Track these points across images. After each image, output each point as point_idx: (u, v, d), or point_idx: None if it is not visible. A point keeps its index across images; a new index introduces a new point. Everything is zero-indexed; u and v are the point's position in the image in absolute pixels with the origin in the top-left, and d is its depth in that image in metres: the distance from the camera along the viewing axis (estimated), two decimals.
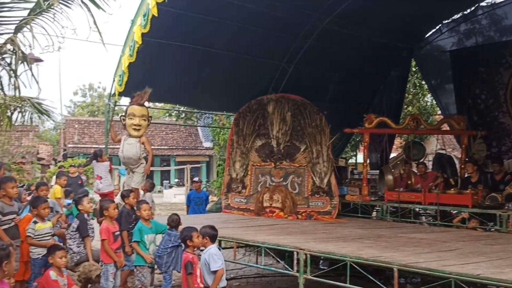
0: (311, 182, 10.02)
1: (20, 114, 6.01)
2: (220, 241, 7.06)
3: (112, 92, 8.85)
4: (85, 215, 6.73)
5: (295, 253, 5.51)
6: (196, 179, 11.78)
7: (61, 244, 6.66)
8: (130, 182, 8.63)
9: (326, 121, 10.08)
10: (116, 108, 9.09)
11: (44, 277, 5.66)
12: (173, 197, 25.57)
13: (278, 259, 6.21)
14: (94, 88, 45.30)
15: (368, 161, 10.71)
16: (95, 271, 6.57)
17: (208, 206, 11.95)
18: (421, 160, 10.80)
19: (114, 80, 8.61)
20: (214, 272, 5.43)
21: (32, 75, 5.23)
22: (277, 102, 10.31)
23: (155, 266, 6.61)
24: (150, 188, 9.65)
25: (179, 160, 30.84)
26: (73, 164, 15.42)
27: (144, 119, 8.53)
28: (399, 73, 12.19)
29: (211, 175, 31.46)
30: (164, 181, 30.33)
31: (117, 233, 6.37)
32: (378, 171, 11.73)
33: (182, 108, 20.72)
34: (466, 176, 9.60)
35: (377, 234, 7.15)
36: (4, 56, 5.04)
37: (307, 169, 10.07)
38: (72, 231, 6.72)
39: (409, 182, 10.51)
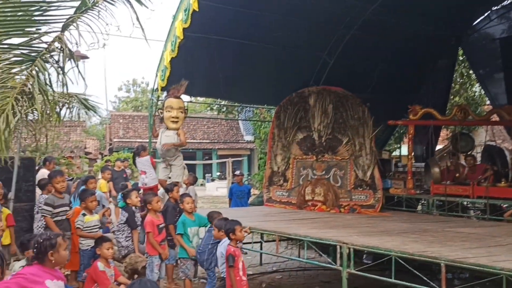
0: (353, 175, 9.89)
1: (68, 110, 6.17)
2: (262, 234, 7.08)
3: (155, 87, 8.98)
4: (133, 208, 6.89)
5: (338, 247, 5.45)
6: (237, 172, 11.84)
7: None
8: (165, 175, 8.69)
9: (369, 113, 9.92)
10: (159, 103, 9.22)
11: (92, 268, 5.84)
12: (215, 190, 25.84)
13: (320, 252, 6.16)
14: (138, 83, 46.29)
15: (412, 154, 10.44)
16: (141, 262, 6.72)
17: (250, 199, 11.99)
18: (469, 152, 10.44)
19: (156, 76, 8.74)
20: None
21: (79, 72, 5.36)
22: (318, 94, 10.21)
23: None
24: (193, 181, 9.77)
25: (221, 153, 31.12)
26: (119, 158, 15.78)
27: (181, 111, 8.64)
28: (446, 62, 11.78)
29: (252, 169, 31.58)
30: (206, 175, 30.68)
31: (162, 225, 6.49)
32: (423, 163, 11.44)
33: (223, 102, 20.85)
34: None
35: (422, 228, 6.97)
36: (52, 54, 5.19)
37: (350, 162, 9.94)
38: (120, 223, 6.89)
39: (456, 175, 10.18)
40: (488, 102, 14.83)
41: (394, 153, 16.85)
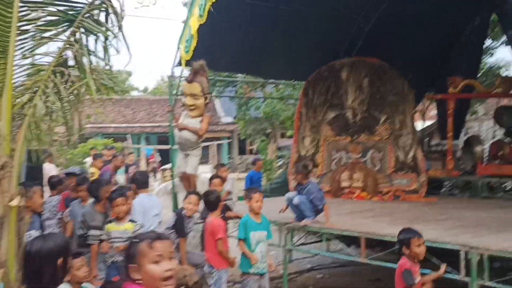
0: (394, 157, 8.90)
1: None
2: (344, 236, 5.90)
3: (176, 62, 7.59)
4: (183, 212, 5.59)
5: (461, 253, 4.36)
6: (259, 156, 10.59)
7: None
8: (183, 165, 7.52)
9: (409, 87, 8.92)
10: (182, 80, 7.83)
11: None
12: None
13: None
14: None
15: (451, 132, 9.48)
16: (191, 276, 5.47)
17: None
18: None
19: (178, 48, 7.34)
20: None
21: (124, 38, 3.98)
22: (351, 67, 9.11)
23: (266, 271, 5.40)
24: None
25: None
26: (106, 146, 14.23)
27: (195, 98, 7.27)
28: (478, 23, 10.77)
29: (233, 152, 30.30)
30: None
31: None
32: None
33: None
34: None
35: (508, 218, 6.02)
36: (93, 12, 3.80)
37: (389, 142, 8.94)
38: (167, 228, 5.59)
39: (499, 153, 9.37)
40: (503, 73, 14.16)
41: None
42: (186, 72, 7.66)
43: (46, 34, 3.59)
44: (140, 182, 5.92)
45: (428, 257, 4.64)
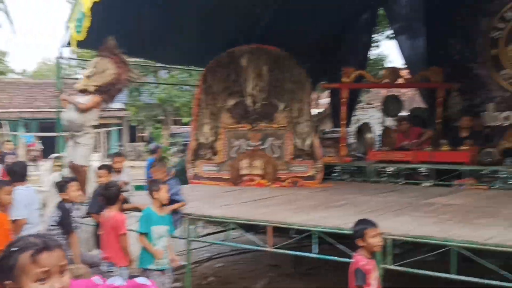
0: (292, 144, 9.05)
1: None
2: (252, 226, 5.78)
3: (65, 42, 6.91)
4: (66, 204, 5.09)
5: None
6: (156, 144, 10.15)
7: None
8: (72, 154, 7.08)
9: (306, 75, 9.07)
10: (73, 62, 7.18)
11: None
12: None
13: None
14: None
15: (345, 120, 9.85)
16: (86, 276, 5.04)
17: None
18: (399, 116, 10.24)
19: (68, 27, 6.69)
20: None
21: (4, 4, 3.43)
22: (251, 54, 9.04)
23: (168, 267, 5.13)
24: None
25: None
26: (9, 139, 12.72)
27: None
28: (368, 17, 11.27)
29: (123, 139, 29.07)
30: None
31: None
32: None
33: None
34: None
35: (406, 202, 6.37)
36: None
37: (288, 130, 9.05)
38: (52, 225, 5.05)
39: (386, 140, 9.94)
40: (386, 64, 15.06)
41: None
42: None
43: None
44: (18, 174, 5.52)
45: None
